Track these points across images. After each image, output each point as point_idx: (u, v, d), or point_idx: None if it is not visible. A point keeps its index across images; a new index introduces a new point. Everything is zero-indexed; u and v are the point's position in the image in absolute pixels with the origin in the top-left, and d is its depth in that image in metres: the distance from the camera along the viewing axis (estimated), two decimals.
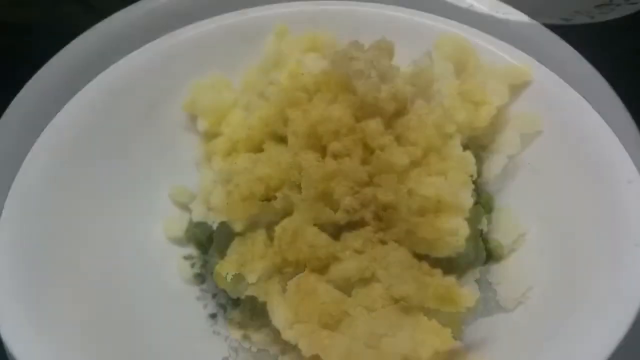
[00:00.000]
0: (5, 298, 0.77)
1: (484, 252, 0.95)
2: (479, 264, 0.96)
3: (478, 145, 1.05)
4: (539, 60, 1.03)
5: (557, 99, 0.99)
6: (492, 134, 1.05)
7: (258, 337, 0.93)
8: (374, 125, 0.88)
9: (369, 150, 0.88)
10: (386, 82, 0.90)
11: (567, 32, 1.08)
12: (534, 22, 1.09)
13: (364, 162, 0.87)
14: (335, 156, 0.87)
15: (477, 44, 1.04)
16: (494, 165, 1.01)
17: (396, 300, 0.76)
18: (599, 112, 0.94)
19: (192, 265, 1.02)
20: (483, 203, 0.98)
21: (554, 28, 1.08)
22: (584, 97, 0.97)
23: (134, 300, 0.91)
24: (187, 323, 0.94)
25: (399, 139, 0.90)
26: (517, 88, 1.03)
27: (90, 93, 1.01)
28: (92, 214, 0.96)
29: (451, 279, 0.78)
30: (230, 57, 1.17)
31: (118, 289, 0.91)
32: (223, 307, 0.96)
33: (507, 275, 0.94)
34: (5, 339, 0.73)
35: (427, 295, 0.76)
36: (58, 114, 0.95)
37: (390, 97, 0.89)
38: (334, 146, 0.87)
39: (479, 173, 0.98)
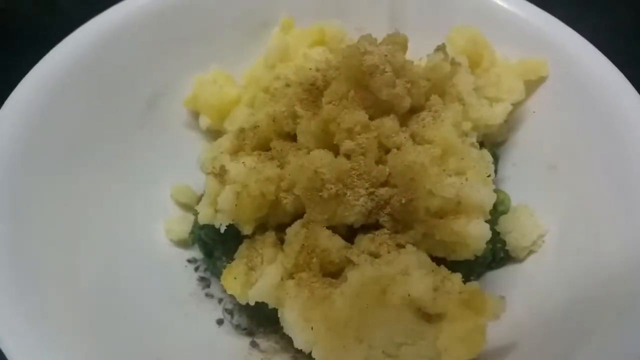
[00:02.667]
0: (5, 301, 0.72)
1: (501, 254, 0.92)
2: (496, 266, 0.93)
3: (492, 142, 1.02)
4: (551, 53, 0.99)
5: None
6: (507, 132, 1.02)
7: (266, 344, 0.90)
8: (389, 122, 0.84)
9: (383, 148, 0.84)
10: (400, 77, 0.86)
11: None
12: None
13: (379, 161, 0.83)
14: (349, 155, 0.83)
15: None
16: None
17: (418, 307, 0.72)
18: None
19: (196, 269, 0.98)
20: (499, 203, 0.95)
21: None
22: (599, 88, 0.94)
23: (136, 305, 0.87)
24: (192, 329, 0.90)
25: (414, 137, 0.86)
26: (533, 83, 1.00)
27: (87, 86, 0.96)
28: (91, 215, 0.91)
29: (475, 285, 0.74)
30: (231, 50, 1.14)
31: (119, 294, 0.87)
32: (230, 312, 0.93)
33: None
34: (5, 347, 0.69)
35: (450, 302, 0.72)
36: (52, 106, 0.90)
37: (405, 93, 0.85)
38: (347, 145, 0.83)
39: (495, 171, 0.95)
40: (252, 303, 0.82)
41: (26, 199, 0.83)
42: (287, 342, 0.85)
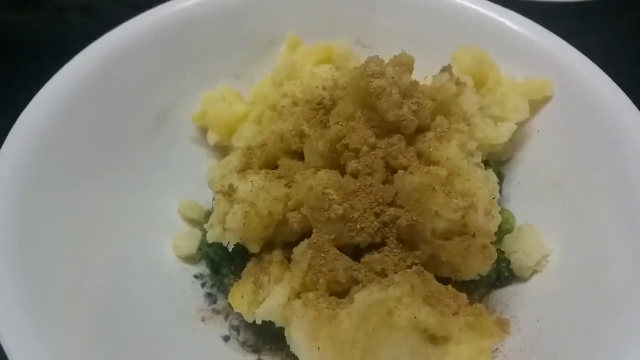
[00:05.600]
0: (10, 315, 0.73)
1: (505, 273, 0.93)
2: (500, 286, 0.94)
3: (497, 161, 1.02)
4: (556, 73, 1.00)
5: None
6: (512, 151, 1.03)
7: None
8: (396, 143, 0.85)
9: (390, 169, 0.85)
10: (407, 99, 0.87)
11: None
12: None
13: (386, 181, 0.84)
14: (356, 175, 0.84)
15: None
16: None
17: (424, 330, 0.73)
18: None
19: (203, 285, 0.99)
20: (504, 222, 0.95)
21: None
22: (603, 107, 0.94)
23: (142, 321, 0.88)
24: (198, 345, 0.91)
25: (420, 157, 0.87)
26: (537, 103, 1.01)
27: (97, 102, 0.97)
28: (98, 230, 0.92)
29: (481, 307, 0.75)
30: (240, 67, 1.15)
31: (125, 309, 0.87)
32: (236, 329, 0.93)
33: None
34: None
35: (456, 325, 0.73)
36: (63, 122, 0.92)
37: (412, 114, 0.86)
38: (354, 165, 0.84)
39: (500, 190, 0.96)
40: (259, 322, 0.82)
41: (36, 212, 0.84)
42: None
